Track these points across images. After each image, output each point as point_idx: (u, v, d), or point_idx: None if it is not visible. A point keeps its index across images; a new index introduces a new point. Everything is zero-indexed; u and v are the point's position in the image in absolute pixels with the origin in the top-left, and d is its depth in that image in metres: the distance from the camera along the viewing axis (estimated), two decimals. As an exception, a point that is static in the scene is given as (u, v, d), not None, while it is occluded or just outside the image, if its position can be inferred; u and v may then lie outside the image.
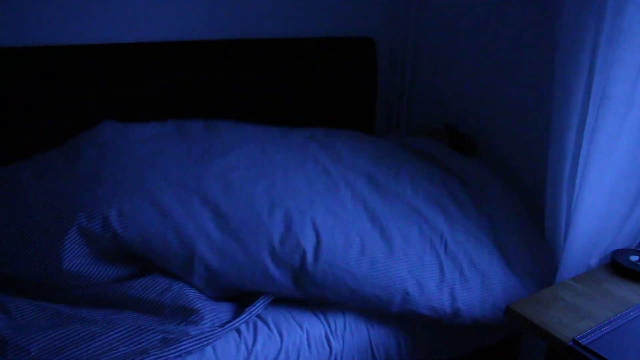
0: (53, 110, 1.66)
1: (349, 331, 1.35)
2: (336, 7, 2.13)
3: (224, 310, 1.27)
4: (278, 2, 2.00)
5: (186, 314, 1.20)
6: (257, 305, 1.29)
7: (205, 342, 1.17)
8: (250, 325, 1.28)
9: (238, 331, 1.25)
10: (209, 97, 1.90)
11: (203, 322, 1.19)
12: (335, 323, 1.35)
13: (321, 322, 1.34)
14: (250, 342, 1.24)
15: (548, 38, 1.56)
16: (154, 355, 1.10)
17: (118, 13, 1.74)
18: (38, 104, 1.64)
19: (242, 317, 1.25)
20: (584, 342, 1.06)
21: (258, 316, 1.31)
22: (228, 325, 1.22)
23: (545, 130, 1.46)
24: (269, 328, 1.28)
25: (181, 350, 1.13)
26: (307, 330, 1.31)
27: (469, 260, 1.42)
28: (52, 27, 1.66)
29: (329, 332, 1.33)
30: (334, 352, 1.31)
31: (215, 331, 1.19)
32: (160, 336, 1.14)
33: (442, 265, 1.39)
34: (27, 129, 1.65)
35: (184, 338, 1.14)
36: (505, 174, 1.93)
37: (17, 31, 1.61)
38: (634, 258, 1.34)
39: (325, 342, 1.32)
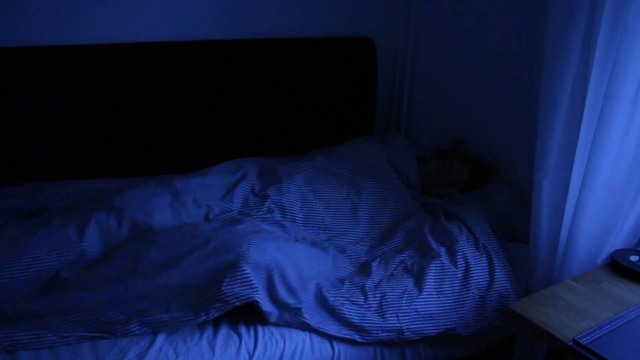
0: (53, 111, 1.66)
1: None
2: (336, 7, 2.13)
3: None
4: (278, 2, 2.00)
5: None
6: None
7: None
8: (252, 329, 1.27)
9: (239, 335, 1.24)
10: (209, 97, 1.90)
11: None
12: None
13: None
14: (251, 346, 1.22)
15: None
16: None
17: (118, 13, 1.74)
18: (38, 104, 1.64)
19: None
20: (584, 342, 1.06)
21: (259, 320, 1.29)
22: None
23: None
24: (271, 331, 1.27)
25: None
26: (309, 332, 1.29)
27: None
28: (52, 27, 1.66)
29: None
30: (336, 353, 1.30)
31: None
32: None
33: None
34: (27, 128, 1.65)
35: None
36: (505, 173, 1.94)
37: (17, 31, 1.61)
38: (634, 258, 1.34)
39: (328, 343, 1.30)
